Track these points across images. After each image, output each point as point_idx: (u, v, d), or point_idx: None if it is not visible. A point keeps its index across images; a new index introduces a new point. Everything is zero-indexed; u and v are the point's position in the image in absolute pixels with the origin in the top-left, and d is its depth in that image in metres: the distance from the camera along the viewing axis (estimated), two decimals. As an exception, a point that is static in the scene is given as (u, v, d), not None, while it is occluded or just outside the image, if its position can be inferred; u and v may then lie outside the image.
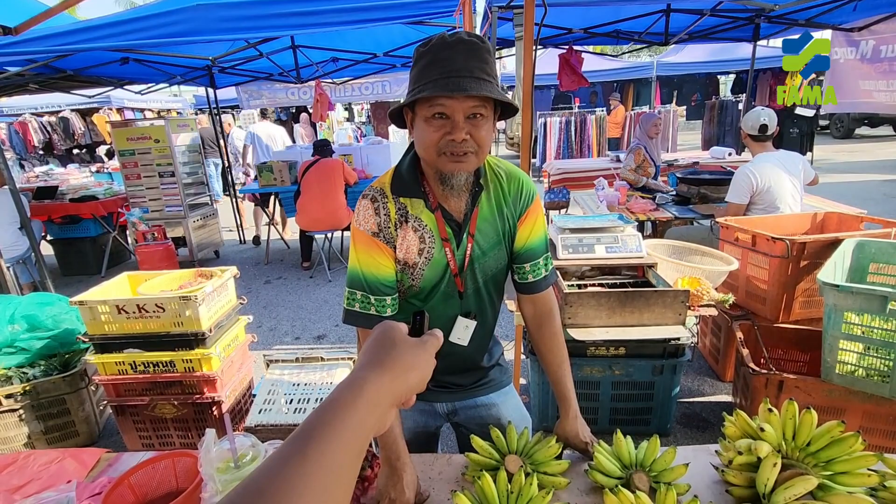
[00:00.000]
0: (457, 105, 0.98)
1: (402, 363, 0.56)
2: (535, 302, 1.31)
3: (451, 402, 1.38)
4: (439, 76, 0.96)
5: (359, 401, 0.49)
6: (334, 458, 0.43)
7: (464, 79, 0.96)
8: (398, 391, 0.54)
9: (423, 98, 0.97)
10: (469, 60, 0.97)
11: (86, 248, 5.99)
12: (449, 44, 0.98)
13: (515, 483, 1.10)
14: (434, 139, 1.01)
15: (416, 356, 0.58)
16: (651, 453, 1.19)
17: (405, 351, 0.58)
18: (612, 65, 12.02)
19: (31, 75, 4.64)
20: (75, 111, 12.70)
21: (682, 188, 4.28)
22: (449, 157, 1.01)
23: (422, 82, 0.98)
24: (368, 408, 0.49)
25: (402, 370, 0.56)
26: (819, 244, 2.42)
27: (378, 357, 0.56)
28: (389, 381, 0.53)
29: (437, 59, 0.98)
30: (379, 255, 1.14)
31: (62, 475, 1.35)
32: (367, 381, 0.52)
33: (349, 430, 0.46)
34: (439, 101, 0.98)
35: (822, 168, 10.01)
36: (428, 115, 1.00)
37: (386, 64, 6.57)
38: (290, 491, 0.39)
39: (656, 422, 2.43)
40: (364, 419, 0.48)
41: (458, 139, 0.99)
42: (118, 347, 2.38)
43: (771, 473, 1.04)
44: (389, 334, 0.59)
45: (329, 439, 0.44)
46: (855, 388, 1.94)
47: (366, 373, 0.53)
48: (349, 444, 0.45)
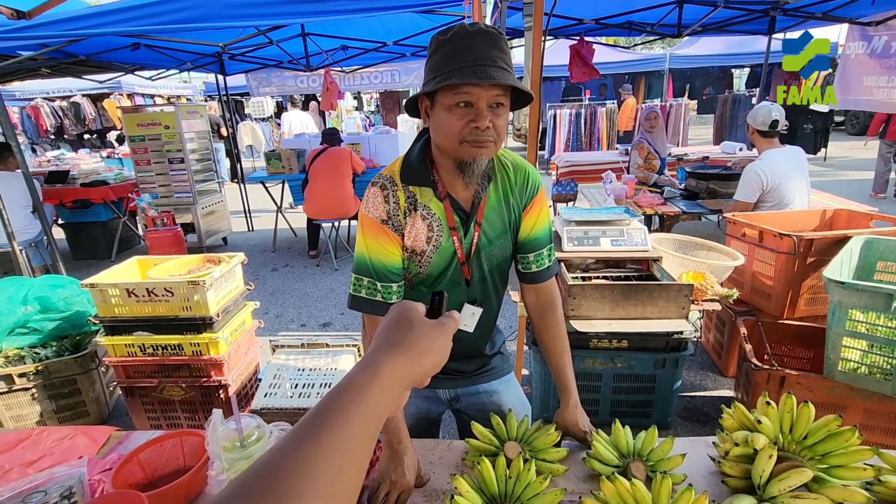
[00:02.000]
0: (482, 93, 0.98)
1: (418, 346, 0.55)
2: (537, 292, 1.32)
3: (453, 389, 1.40)
4: (464, 64, 0.97)
5: (374, 384, 0.48)
6: (348, 440, 0.42)
7: (489, 68, 0.97)
8: (414, 374, 0.53)
9: (447, 86, 0.98)
10: (491, 50, 0.98)
11: (96, 233, 6.06)
12: (471, 33, 0.99)
13: (514, 469, 1.12)
14: (458, 127, 1.01)
15: (433, 338, 0.57)
16: (649, 443, 1.21)
17: (422, 333, 0.56)
18: (623, 57, 11.88)
19: (43, 60, 4.67)
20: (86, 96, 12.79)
21: (691, 183, 4.25)
22: (471, 143, 1.02)
23: (445, 70, 0.98)
24: (383, 391, 0.49)
25: (419, 353, 0.54)
26: (826, 241, 2.41)
27: (394, 339, 0.55)
28: (405, 364, 0.52)
29: (460, 48, 0.98)
30: (387, 243, 1.15)
31: (74, 451, 1.39)
32: (382, 363, 0.51)
33: (363, 414, 0.45)
34: (465, 90, 0.98)
35: (837, 164, 9.90)
36: (451, 104, 1.00)
37: (396, 53, 6.54)
38: (302, 471, 0.38)
39: (657, 415, 2.44)
40: (378, 402, 0.48)
41: (482, 127, 1.00)
42: (128, 330, 2.42)
43: (766, 465, 1.05)
44: (407, 315, 0.58)
45: (343, 422, 0.43)
46: (857, 385, 1.95)
47: (381, 355, 0.52)
48: (362, 427, 0.45)
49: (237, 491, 0.37)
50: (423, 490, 1.18)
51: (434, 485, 1.19)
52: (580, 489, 1.17)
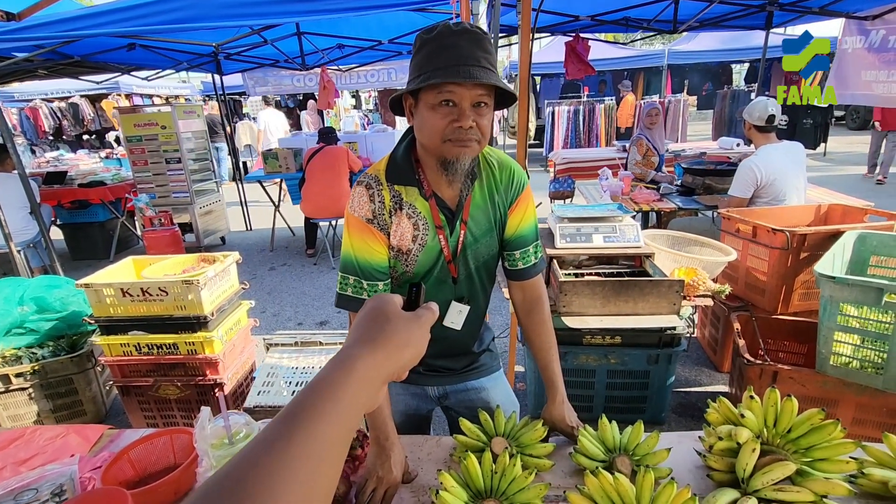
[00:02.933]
0: (465, 93, 0.99)
1: (395, 339, 0.53)
2: (524, 289, 1.33)
3: (442, 386, 1.41)
4: (448, 63, 0.97)
5: (349, 380, 0.47)
6: (322, 440, 0.41)
7: (472, 67, 0.97)
8: (391, 368, 0.52)
9: (430, 85, 0.98)
10: (475, 49, 0.98)
11: (95, 233, 6.08)
12: (455, 32, 0.99)
13: (500, 463, 1.13)
14: (440, 126, 1.02)
15: (409, 332, 0.55)
16: (635, 438, 1.22)
17: (399, 326, 0.55)
18: (622, 53, 11.85)
19: (39, 61, 4.68)
20: (85, 97, 12.80)
21: (688, 179, 4.26)
22: (454, 142, 1.02)
23: (428, 69, 0.98)
24: (359, 387, 0.47)
25: (396, 347, 0.53)
26: (820, 236, 2.41)
27: (370, 333, 0.53)
28: (382, 359, 0.51)
29: (444, 47, 0.98)
30: (372, 241, 1.16)
31: (66, 449, 1.40)
32: (358, 359, 0.49)
33: (338, 411, 0.44)
34: (448, 88, 0.98)
35: (837, 159, 9.88)
36: (434, 103, 1.01)
37: (392, 51, 6.54)
38: (272, 479, 0.36)
39: (651, 410, 2.45)
40: (354, 399, 0.46)
41: (465, 126, 1.00)
42: (123, 329, 2.43)
43: (750, 458, 1.06)
44: (383, 308, 0.56)
45: (317, 421, 0.42)
46: (849, 379, 1.95)
47: (357, 350, 0.51)
48: (338, 425, 0.43)
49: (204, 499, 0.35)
50: (411, 485, 1.19)
51: (422, 480, 1.20)
52: (566, 484, 1.17)
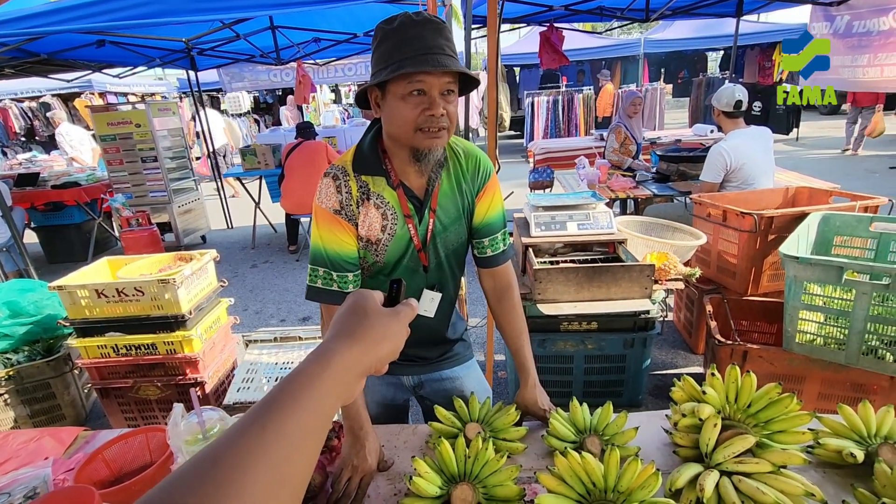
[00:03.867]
0: (434, 81, 1.00)
1: (373, 334, 0.55)
2: (494, 276, 1.35)
3: (417, 376, 1.43)
4: (416, 53, 0.98)
5: (326, 372, 0.48)
6: (295, 429, 0.42)
7: (439, 56, 0.99)
8: (368, 362, 0.54)
9: (400, 75, 0.99)
10: (438, 38, 1.00)
11: (71, 235, 5.95)
12: (417, 22, 1.00)
13: (473, 448, 1.15)
14: (412, 115, 1.03)
15: (388, 326, 0.57)
16: (604, 419, 1.25)
17: (377, 321, 0.56)
18: (598, 42, 11.91)
19: (4, 59, 4.55)
20: (56, 96, 12.46)
21: (663, 166, 4.32)
22: (426, 133, 1.04)
23: (396, 59, 0.99)
24: (336, 379, 0.49)
25: (374, 341, 0.55)
26: (786, 218, 2.47)
27: (349, 327, 0.55)
28: (360, 353, 0.53)
29: (409, 37, 0.99)
30: (341, 233, 1.17)
31: (40, 453, 1.39)
32: (335, 352, 0.51)
33: (314, 402, 0.45)
34: (418, 78, 0.99)
35: (809, 144, 10.09)
36: (405, 93, 1.02)
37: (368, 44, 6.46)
38: (245, 460, 0.38)
39: (628, 394, 2.51)
40: (329, 391, 0.47)
41: (437, 114, 1.02)
42: (99, 331, 2.41)
43: (712, 433, 1.10)
44: (362, 304, 0.58)
45: (292, 411, 0.43)
46: (814, 356, 2.02)
47: (335, 344, 0.52)
48: (312, 416, 0.44)
49: (179, 480, 0.36)
50: (387, 473, 1.21)
51: (398, 468, 1.23)
52: (538, 465, 1.20)
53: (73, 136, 7.60)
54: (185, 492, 0.35)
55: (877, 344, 1.83)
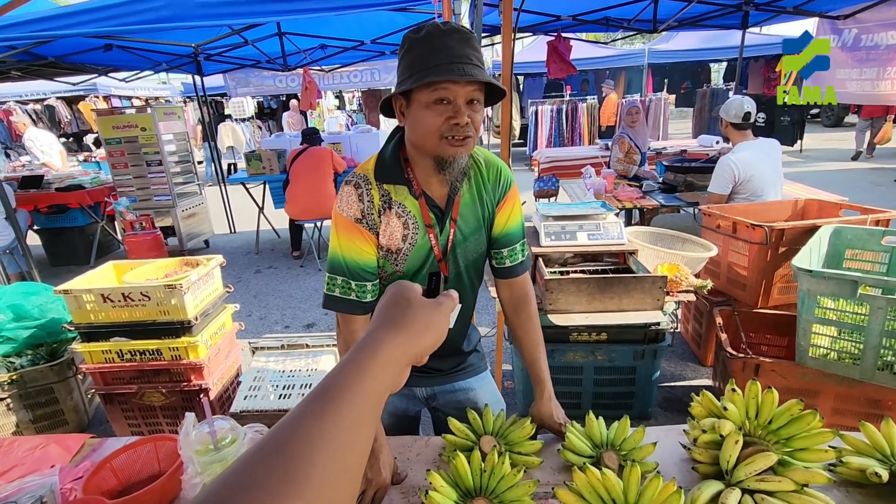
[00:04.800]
0: (459, 90, 1.00)
1: (417, 323, 0.55)
2: (512, 286, 1.33)
3: (430, 387, 1.41)
4: (442, 62, 0.98)
5: (373, 362, 0.49)
6: (350, 417, 0.43)
7: (465, 65, 0.99)
8: (413, 351, 0.54)
9: (425, 84, 0.99)
10: (465, 48, 1.00)
11: (74, 238, 5.94)
12: (444, 32, 1.00)
13: (488, 462, 1.13)
14: (436, 124, 1.02)
15: (430, 317, 0.57)
16: (621, 433, 1.23)
17: (421, 311, 0.57)
18: (603, 52, 11.97)
19: (12, 62, 4.57)
20: (61, 99, 12.51)
21: (669, 176, 4.31)
22: (450, 141, 1.03)
23: (422, 68, 1.00)
24: (383, 369, 0.49)
25: (417, 331, 0.55)
26: (797, 231, 2.46)
27: (393, 317, 0.55)
28: (404, 342, 0.53)
29: (436, 47, 1.00)
30: (361, 241, 1.16)
31: (46, 460, 1.37)
32: (382, 341, 0.51)
33: (365, 391, 0.46)
34: (443, 86, 1.00)
35: (812, 156, 10.10)
36: (429, 101, 1.02)
37: (374, 51, 6.52)
38: (309, 448, 0.39)
39: (638, 406, 2.48)
40: (379, 380, 0.48)
41: (462, 122, 1.02)
42: (104, 336, 2.38)
43: (733, 450, 1.08)
44: (404, 294, 0.58)
45: (345, 401, 0.44)
46: (828, 370, 1.99)
47: (381, 333, 0.52)
48: (364, 405, 0.45)
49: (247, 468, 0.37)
50: (401, 486, 1.19)
51: (412, 481, 1.20)
52: (554, 480, 1.18)
53: (42, 140, 7.49)
54: (255, 479, 0.35)
55: (893, 360, 1.81)
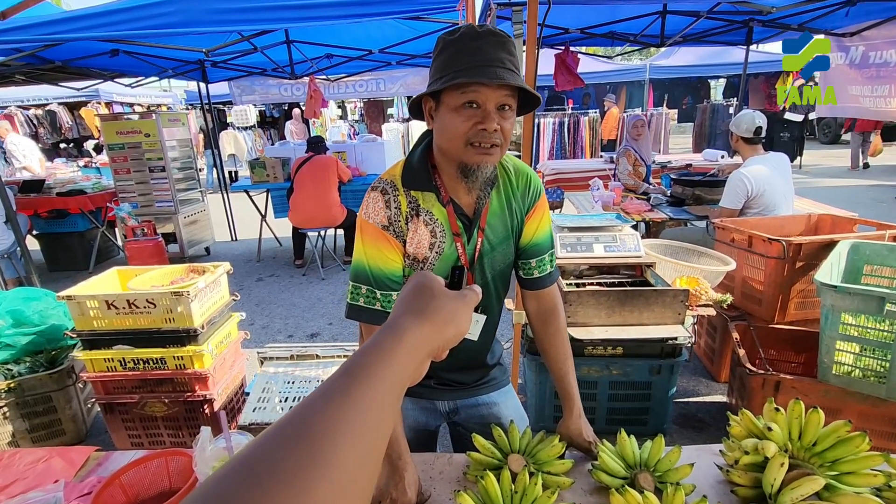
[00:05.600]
0: (490, 94, 0.96)
1: (442, 314, 0.53)
2: (539, 298, 1.29)
3: (452, 401, 1.36)
4: (473, 64, 0.94)
5: (399, 348, 0.47)
6: (374, 400, 0.41)
7: (498, 68, 0.95)
8: (435, 343, 0.52)
9: (454, 85, 0.95)
10: (499, 52, 0.96)
11: (73, 244, 5.87)
12: (479, 34, 0.96)
13: (519, 483, 1.08)
14: (464, 129, 0.98)
15: (454, 309, 0.55)
16: (656, 453, 1.18)
17: (445, 302, 0.55)
18: (605, 67, 12.06)
19: (17, 65, 4.54)
20: (63, 104, 12.49)
21: (677, 189, 4.30)
22: (477, 148, 0.99)
23: (452, 70, 0.95)
24: (407, 355, 0.47)
25: (442, 322, 0.53)
26: (814, 246, 2.43)
27: (418, 306, 0.53)
28: (429, 332, 0.51)
29: (469, 48, 0.95)
30: (387, 249, 1.11)
31: (49, 474, 1.31)
32: (407, 329, 0.49)
33: (390, 375, 0.44)
34: (473, 89, 0.96)
35: (812, 172, 10.15)
36: (458, 104, 0.97)
37: (381, 61, 6.53)
38: (334, 428, 0.37)
39: (653, 422, 2.42)
40: (403, 367, 0.46)
41: (490, 129, 0.97)
42: (107, 344, 2.32)
43: (778, 473, 1.03)
44: (428, 284, 0.56)
45: (370, 383, 0.42)
46: (851, 388, 1.95)
47: (406, 321, 0.50)
48: (390, 388, 0.43)
49: (269, 444, 0.34)
50: (425, 507, 1.13)
51: (436, 501, 1.15)
52: (586, 502, 1.13)
53: (23, 146, 7.60)
54: (279, 456, 0.33)
55: (921, 378, 1.77)
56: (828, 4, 4.17)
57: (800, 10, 4.24)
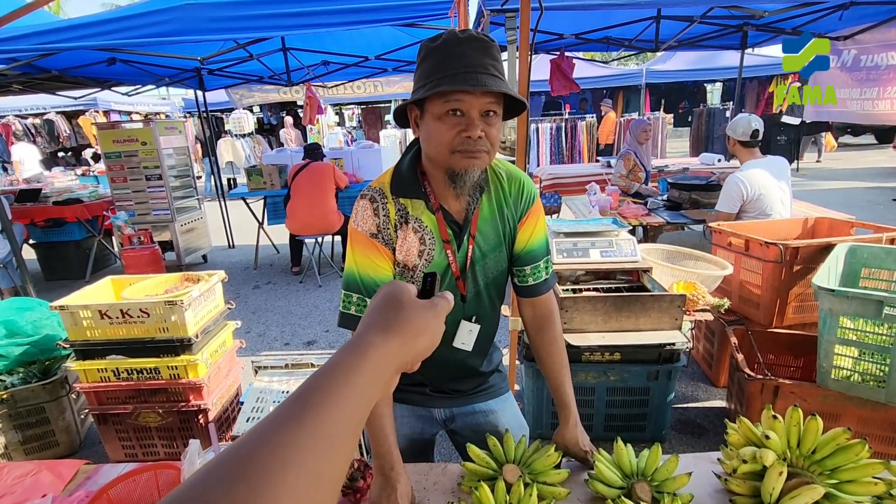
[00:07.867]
0: (473, 101, 0.95)
1: (410, 327, 0.52)
2: (535, 305, 1.27)
3: (449, 409, 1.34)
4: (456, 71, 0.93)
5: (363, 366, 0.45)
6: (333, 425, 0.39)
7: (481, 75, 0.94)
8: (405, 357, 0.51)
9: (437, 93, 0.94)
10: (483, 57, 0.95)
11: (70, 253, 5.85)
12: (462, 40, 0.95)
13: (514, 494, 1.06)
14: (448, 137, 0.97)
15: (425, 320, 0.53)
16: (653, 462, 1.16)
17: (414, 314, 0.53)
18: (602, 72, 12.09)
19: (14, 75, 4.54)
20: (60, 113, 12.51)
21: (674, 193, 4.29)
22: (462, 153, 0.98)
23: (435, 77, 0.95)
24: (372, 373, 0.45)
25: (411, 335, 0.51)
26: (812, 249, 2.42)
27: (385, 319, 0.51)
28: (397, 346, 0.49)
29: (451, 55, 0.95)
30: (376, 257, 1.10)
31: (38, 489, 1.29)
32: (372, 345, 0.47)
33: (350, 398, 0.42)
34: (456, 97, 0.95)
35: (808, 175, 10.16)
36: (441, 112, 0.97)
37: (377, 68, 6.55)
38: (282, 459, 0.35)
39: (651, 428, 2.40)
40: (367, 386, 0.44)
41: (474, 136, 0.96)
42: (101, 354, 2.30)
43: (777, 482, 1.01)
44: (397, 295, 0.55)
45: (328, 406, 0.40)
46: (850, 393, 1.93)
47: (372, 336, 0.49)
48: (349, 412, 0.41)
49: (209, 480, 0.33)
50: (419, 519, 1.11)
51: (429, 513, 1.13)
52: (583, 513, 1.11)
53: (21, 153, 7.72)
54: (217, 493, 0.32)
55: (921, 382, 1.75)
56: (822, 8, 4.18)
57: (794, 13, 4.26)
